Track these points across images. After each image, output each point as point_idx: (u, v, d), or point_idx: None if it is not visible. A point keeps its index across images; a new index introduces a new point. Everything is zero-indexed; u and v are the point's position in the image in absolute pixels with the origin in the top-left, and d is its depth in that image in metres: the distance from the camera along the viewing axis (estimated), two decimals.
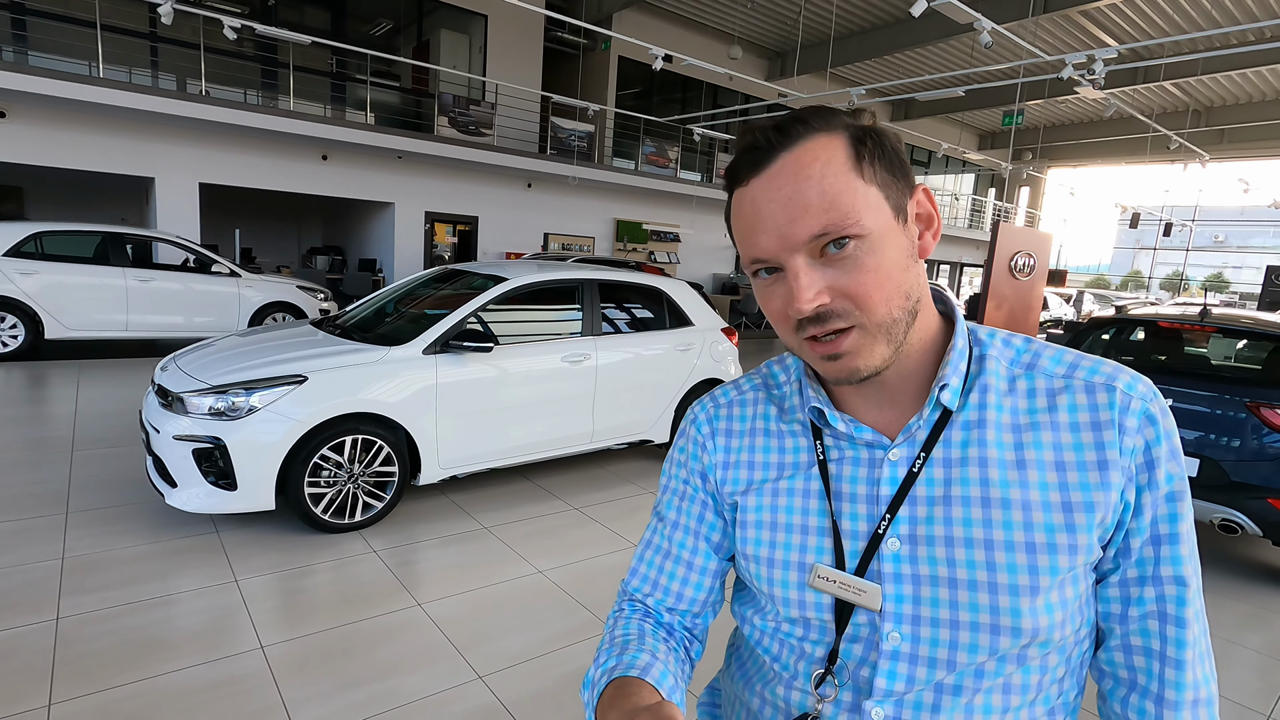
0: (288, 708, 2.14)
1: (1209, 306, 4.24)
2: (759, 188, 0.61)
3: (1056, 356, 0.66)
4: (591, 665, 0.70)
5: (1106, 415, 0.61)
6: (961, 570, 0.62)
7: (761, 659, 0.76)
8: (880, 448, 0.67)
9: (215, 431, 3.13)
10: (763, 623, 0.74)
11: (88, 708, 2.07)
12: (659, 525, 0.80)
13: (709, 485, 0.77)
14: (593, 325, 4.43)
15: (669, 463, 0.82)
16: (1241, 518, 3.39)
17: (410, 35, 12.68)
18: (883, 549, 0.64)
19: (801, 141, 0.60)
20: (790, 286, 0.60)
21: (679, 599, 0.77)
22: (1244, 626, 3.17)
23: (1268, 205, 17.07)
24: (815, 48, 14.80)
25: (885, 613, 0.64)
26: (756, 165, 0.61)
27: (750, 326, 14.68)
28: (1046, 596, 0.60)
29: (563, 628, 2.74)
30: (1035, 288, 9.55)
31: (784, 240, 0.59)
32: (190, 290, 7.61)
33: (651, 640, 0.71)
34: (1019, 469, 0.62)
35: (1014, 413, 0.64)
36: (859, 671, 0.66)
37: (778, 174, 0.60)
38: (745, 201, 0.62)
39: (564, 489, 4.35)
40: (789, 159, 0.60)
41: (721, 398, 0.80)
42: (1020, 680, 0.63)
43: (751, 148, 0.62)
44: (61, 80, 7.73)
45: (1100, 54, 7.01)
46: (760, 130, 0.62)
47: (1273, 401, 3.41)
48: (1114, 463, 0.60)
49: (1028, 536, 0.60)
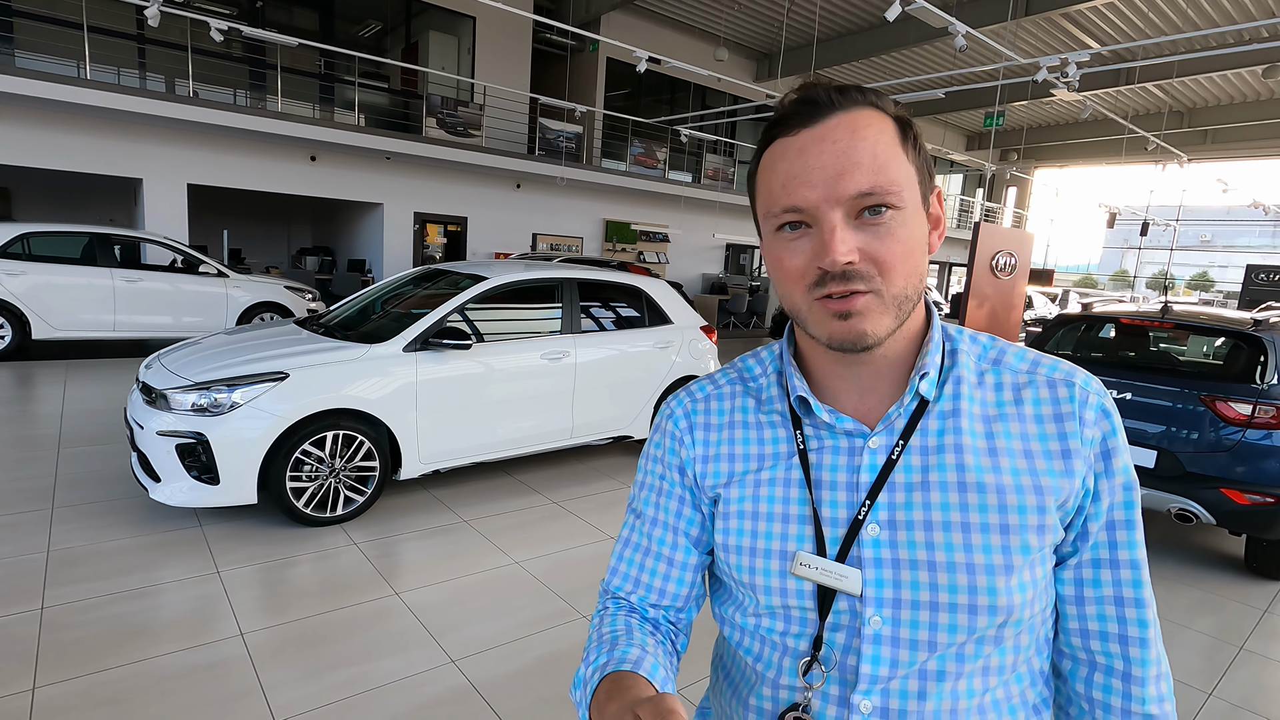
0: (265, 690, 2.22)
1: (1169, 303, 4.36)
2: (810, 138, 0.61)
3: (1020, 354, 0.71)
4: (581, 665, 0.70)
5: (1068, 408, 0.66)
6: (940, 553, 0.64)
7: (744, 663, 0.76)
8: (860, 436, 0.69)
9: (198, 427, 3.20)
10: (744, 620, 0.74)
11: (72, 691, 2.15)
12: (637, 522, 0.80)
13: (687, 480, 0.77)
14: (572, 323, 4.52)
15: (645, 459, 0.82)
16: (1197, 507, 3.51)
17: (399, 37, 12.73)
18: (863, 534, 0.66)
19: (858, 108, 0.62)
20: (824, 240, 0.61)
21: (662, 595, 0.77)
22: (1195, 611, 3.29)
23: (1247, 205, 17.31)
24: (800, 50, 14.94)
25: (866, 597, 0.65)
26: (810, 118, 0.62)
27: (738, 325, 14.79)
28: (1020, 575, 0.63)
29: (536, 615, 2.83)
30: (1017, 286, 9.68)
31: (829, 192, 0.60)
32: (178, 291, 7.65)
33: (640, 635, 0.72)
34: (991, 456, 0.66)
35: (984, 404, 0.68)
36: (845, 660, 0.67)
37: (834, 128, 0.61)
38: (791, 150, 0.62)
39: (544, 483, 4.44)
40: (845, 117, 0.61)
41: (698, 392, 0.80)
42: (997, 661, 0.66)
43: (809, 100, 0.63)
44: (48, 82, 7.75)
45: (1074, 57, 7.15)
46: (821, 87, 0.63)
47: (1226, 395, 3.53)
48: (1076, 451, 0.65)
49: (1002, 518, 0.64)
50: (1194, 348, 4.86)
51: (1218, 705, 2.56)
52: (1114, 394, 3.86)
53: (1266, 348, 3.68)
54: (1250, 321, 3.92)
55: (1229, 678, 2.74)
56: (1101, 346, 4.83)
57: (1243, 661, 2.87)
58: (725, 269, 17.60)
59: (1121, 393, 3.83)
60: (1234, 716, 2.51)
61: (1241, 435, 3.45)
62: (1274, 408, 3.40)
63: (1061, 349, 4.56)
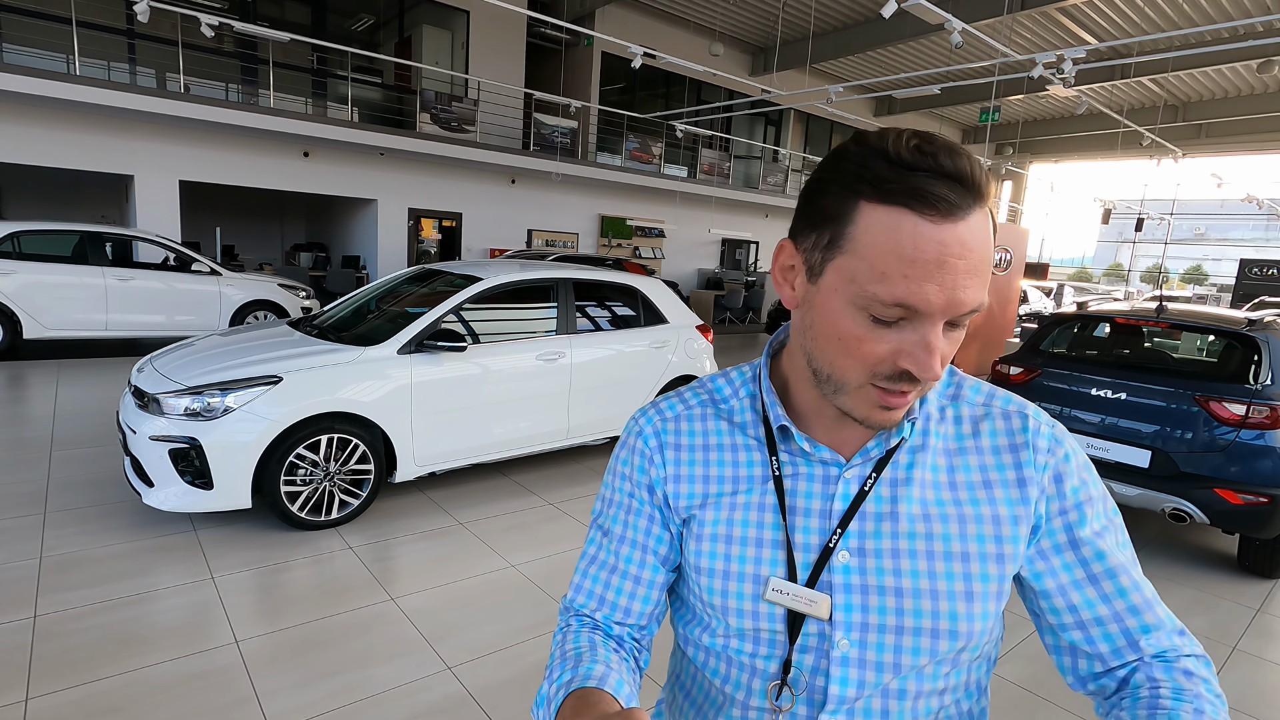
0: (260, 699, 2.22)
1: (1164, 302, 4.36)
2: (954, 237, 0.54)
3: (976, 387, 0.74)
4: (544, 682, 0.69)
5: (1021, 438, 0.70)
6: (907, 580, 0.66)
7: (709, 683, 0.76)
8: (836, 465, 0.70)
9: (191, 432, 3.18)
10: (711, 641, 0.74)
11: (65, 702, 2.14)
12: (604, 540, 0.79)
13: (656, 499, 0.76)
14: (568, 324, 4.51)
15: (611, 474, 0.80)
16: (1191, 507, 3.52)
17: (392, 31, 12.64)
18: (833, 561, 0.68)
19: (985, 202, 0.56)
20: (927, 351, 0.57)
21: (627, 613, 0.77)
22: (1188, 610, 3.31)
23: (1241, 199, 17.36)
24: (796, 44, 14.89)
25: (835, 621, 0.67)
26: (959, 208, 0.54)
27: (734, 321, 14.79)
28: (984, 604, 0.66)
29: (532, 620, 2.82)
30: (1012, 282, 9.70)
31: (950, 304, 0.56)
32: (171, 289, 7.60)
33: (604, 651, 0.72)
34: (952, 489, 0.69)
35: (944, 438, 0.71)
36: (814, 681, 0.69)
37: (975, 230, 0.55)
38: (929, 241, 0.54)
39: (540, 485, 4.43)
40: (979, 218, 0.56)
41: (668, 411, 0.79)
42: (953, 681, 0.70)
43: (963, 181, 0.55)
44: (36, 77, 7.67)
45: (1069, 53, 7.14)
46: (971, 160, 0.55)
47: (1220, 395, 3.55)
48: (1030, 479, 0.68)
49: (963, 546, 0.67)
50: (1188, 345, 4.87)
51: None
52: (1108, 393, 3.87)
53: (1260, 348, 3.69)
54: (1245, 321, 3.92)
55: (1222, 678, 2.76)
56: (1097, 345, 4.84)
57: (1236, 661, 2.89)
58: (721, 264, 17.59)
59: (1116, 392, 3.84)
60: None
61: (1235, 435, 3.47)
62: (1268, 408, 3.41)
63: (1057, 348, 4.57)
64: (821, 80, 16.80)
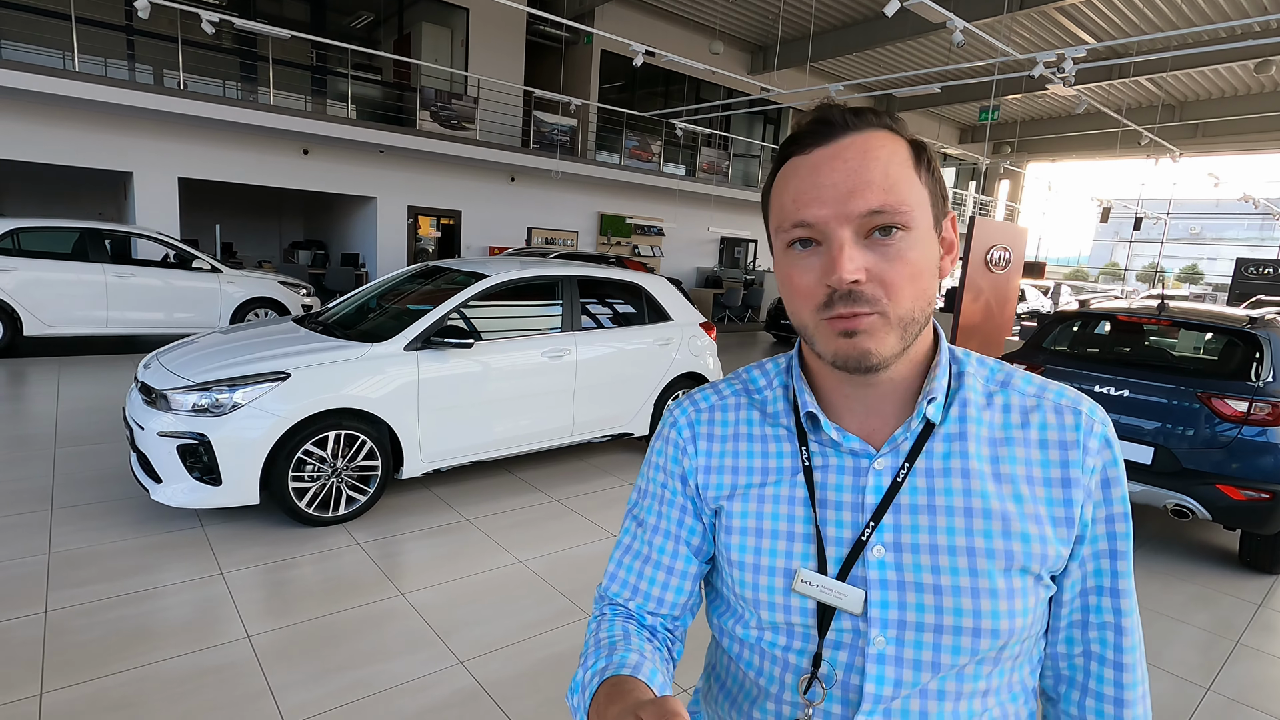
0: (274, 693, 2.22)
1: (1166, 300, 4.39)
2: (824, 156, 0.62)
3: (1027, 378, 0.72)
4: (579, 669, 0.70)
5: (1072, 436, 0.67)
6: (946, 576, 0.65)
7: (744, 675, 0.76)
8: (865, 456, 0.69)
9: (199, 428, 3.19)
10: (744, 633, 0.74)
11: (79, 696, 2.14)
12: (638, 530, 0.80)
13: (689, 489, 0.77)
14: (573, 321, 4.51)
15: (647, 465, 0.82)
16: (1193, 503, 3.55)
17: (391, 28, 12.61)
18: (868, 555, 0.67)
19: (872, 129, 0.63)
20: (833, 258, 0.61)
21: (660, 603, 0.77)
22: (1190, 606, 3.33)
23: (1237, 198, 17.44)
24: (796, 42, 14.89)
25: (871, 618, 0.66)
26: (825, 137, 0.63)
27: (733, 320, 14.80)
28: (1024, 600, 0.65)
29: (541, 614, 2.84)
30: (1011, 280, 9.73)
31: (839, 210, 0.61)
32: (171, 286, 7.58)
33: (638, 640, 0.72)
34: (996, 481, 0.66)
35: (991, 427, 0.68)
36: (848, 679, 0.67)
37: (847, 147, 0.62)
38: (804, 167, 0.63)
39: (545, 481, 4.44)
40: (859, 138, 0.62)
41: (702, 401, 0.80)
42: (995, 682, 0.67)
43: (823, 120, 0.64)
44: (35, 74, 7.64)
45: (1070, 52, 7.16)
46: (836, 108, 0.64)
47: (1222, 392, 3.57)
48: (1076, 480, 0.66)
49: (1006, 544, 0.64)
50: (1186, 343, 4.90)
51: (1215, 700, 2.60)
52: (1111, 390, 3.89)
53: (1262, 345, 3.72)
54: (1246, 319, 3.95)
55: (1225, 672, 2.79)
56: (1098, 343, 4.86)
57: (1239, 656, 2.92)
58: (720, 262, 17.61)
59: (1119, 389, 3.86)
60: (1231, 710, 2.55)
61: (1237, 432, 3.49)
62: (1270, 404, 3.44)
63: (1059, 345, 4.59)
64: (821, 79, 16.82)
